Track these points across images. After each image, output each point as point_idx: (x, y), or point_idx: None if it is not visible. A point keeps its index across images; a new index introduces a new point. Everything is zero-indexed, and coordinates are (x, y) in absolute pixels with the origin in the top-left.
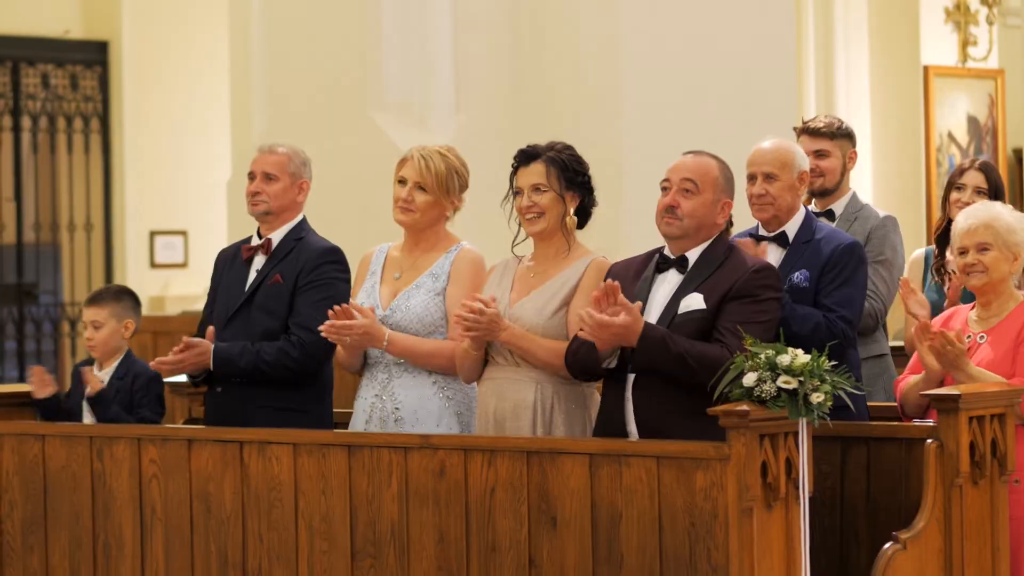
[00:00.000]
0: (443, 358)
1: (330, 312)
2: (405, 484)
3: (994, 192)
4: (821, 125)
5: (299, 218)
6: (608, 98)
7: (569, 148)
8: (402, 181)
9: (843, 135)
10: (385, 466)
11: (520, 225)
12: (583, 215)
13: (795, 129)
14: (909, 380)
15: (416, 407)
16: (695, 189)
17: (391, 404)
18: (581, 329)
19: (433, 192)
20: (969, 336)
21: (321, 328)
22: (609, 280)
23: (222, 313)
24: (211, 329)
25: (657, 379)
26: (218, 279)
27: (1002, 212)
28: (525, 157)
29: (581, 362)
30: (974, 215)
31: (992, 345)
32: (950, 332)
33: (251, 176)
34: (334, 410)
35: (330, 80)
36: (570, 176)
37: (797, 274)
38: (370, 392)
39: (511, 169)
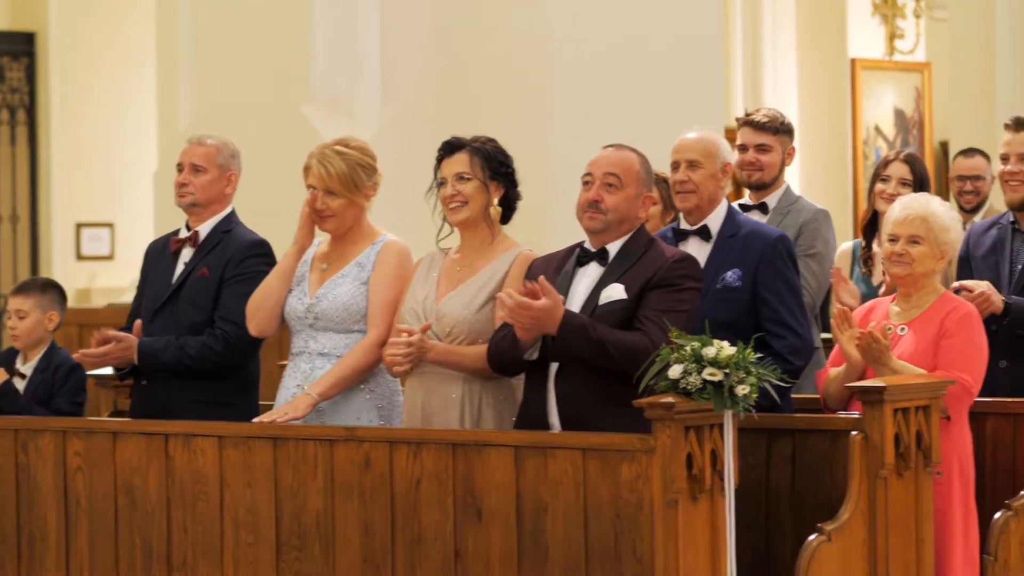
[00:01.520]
0: (364, 365)
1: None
2: (330, 476)
3: (919, 183)
4: (765, 119)
5: (227, 210)
6: (535, 91)
7: (493, 140)
8: (312, 189)
9: (784, 131)
10: (310, 458)
11: (444, 218)
12: (508, 208)
13: (737, 120)
14: (831, 372)
15: (338, 399)
16: (618, 183)
17: None
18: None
19: (342, 193)
20: (890, 328)
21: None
22: (541, 277)
23: (149, 306)
24: (138, 323)
25: (579, 370)
26: (147, 271)
27: (939, 210)
28: (449, 148)
29: (503, 354)
30: (911, 206)
31: (913, 337)
32: (874, 328)
33: (179, 167)
34: (261, 403)
35: (258, 72)
36: (494, 166)
37: (729, 273)
38: (292, 382)
39: (436, 161)
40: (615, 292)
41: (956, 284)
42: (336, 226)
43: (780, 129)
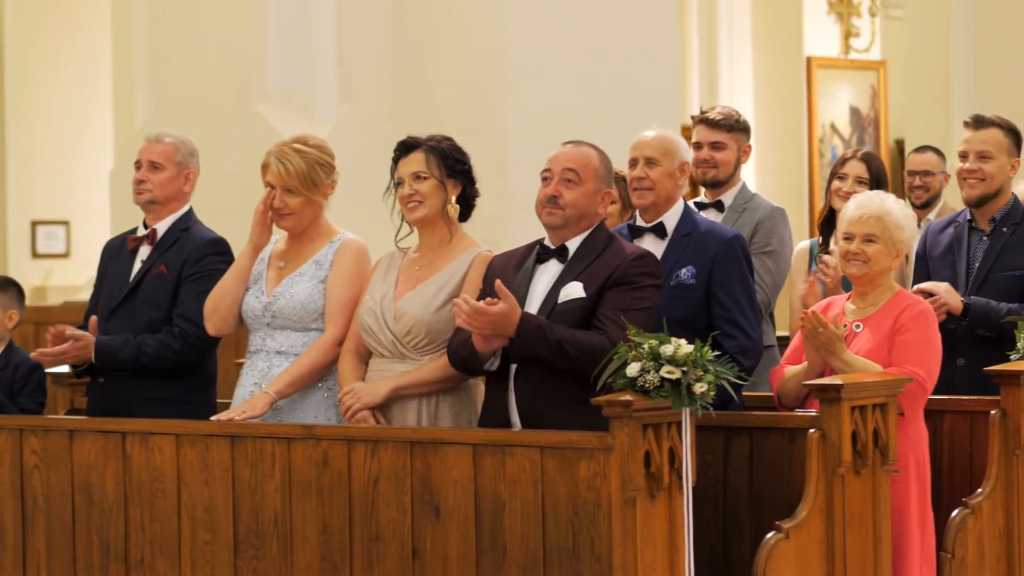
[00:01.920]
0: (322, 363)
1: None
2: (288, 475)
3: (876, 181)
4: (719, 117)
5: (185, 208)
6: (492, 88)
7: (449, 139)
8: (270, 187)
9: (740, 128)
10: (268, 456)
11: (403, 218)
12: (465, 206)
13: (693, 118)
14: (787, 370)
15: (295, 397)
16: (577, 179)
17: None
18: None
19: (300, 192)
20: (845, 326)
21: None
22: (498, 281)
23: (106, 304)
24: (94, 320)
25: (539, 369)
26: (103, 269)
27: (893, 208)
28: (405, 147)
29: (465, 359)
30: (866, 205)
31: (869, 334)
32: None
33: (137, 165)
34: (219, 401)
35: (214, 70)
36: (450, 164)
37: (684, 271)
38: (250, 380)
39: (392, 161)
40: (573, 290)
41: (916, 288)
42: (294, 224)
43: (735, 127)
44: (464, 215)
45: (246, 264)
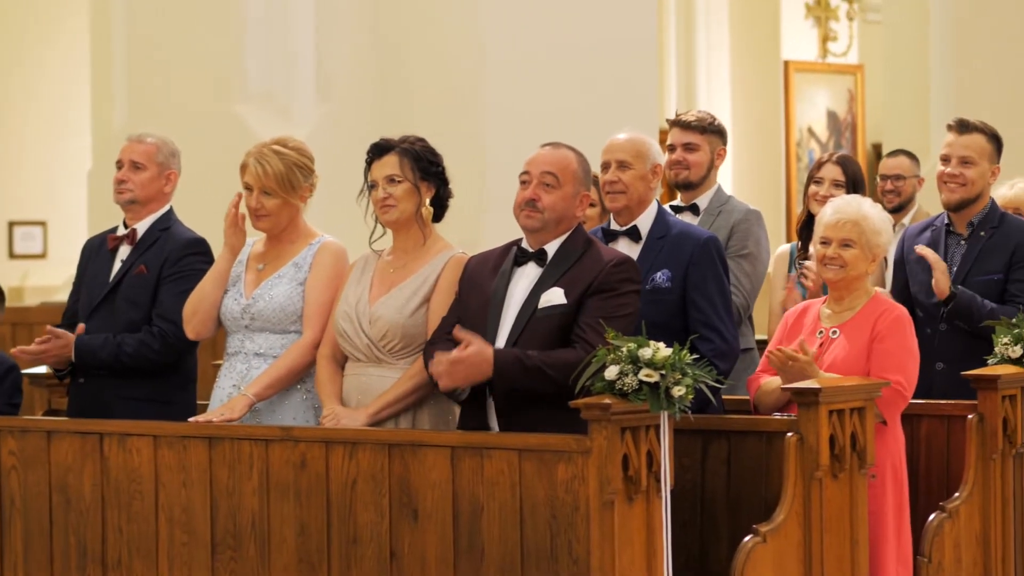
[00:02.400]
0: (299, 366)
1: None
2: (266, 476)
3: (852, 185)
4: (692, 119)
5: (166, 208)
6: (471, 90)
7: (422, 140)
8: (248, 188)
9: (714, 131)
10: (246, 458)
11: (377, 219)
12: (439, 207)
13: (668, 121)
14: (764, 382)
15: (274, 399)
16: (556, 183)
17: None
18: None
19: (278, 193)
20: (821, 331)
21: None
22: (456, 327)
23: (86, 303)
24: (81, 326)
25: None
26: (83, 269)
27: (870, 212)
28: (378, 150)
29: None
30: (843, 210)
31: (846, 340)
32: (789, 348)
33: (118, 164)
34: (198, 401)
35: (193, 70)
36: (424, 166)
37: (659, 274)
38: (228, 382)
39: (365, 163)
40: (555, 297)
41: (917, 249)
42: (271, 225)
43: (708, 129)
44: (437, 215)
45: (224, 268)
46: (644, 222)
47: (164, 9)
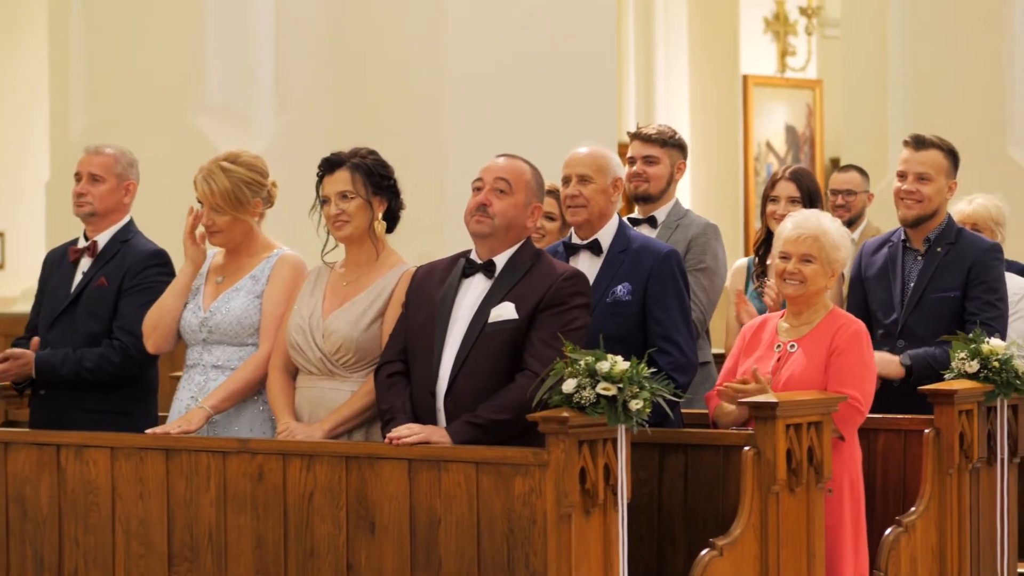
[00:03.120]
0: (256, 379)
1: None
2: (223, 488)
3: (808, 199)
4: (652, 132)
5: (126, 220)
6: (431, 102)
7: (373, 153)
8: (201, 204)
9: (674, 144)
10: (203, 470)
11: (328, 233)
12: (391, 219)
13: (628, 134)
14: (724, 407)
15: (230, 412)
16: (508, 189)
17: None
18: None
19: (226, 211)
20: (779, 345)
21: None
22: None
23: (47, 315)
24: (35, 340)
25: (470, 386)
26: (44, 281)
27: (830, 227)
28: (330, 165)
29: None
30: (804, 225)
31: (803, 354)
32: (737, 378)
33: (77, 177)
34: (159, 413)
35: (151, 81)
36: (376, 181)
37: (620, 287)
38: (186, 394)
39: (317, 178)
40: (505, 311)
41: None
42: (224, 241)
43: (668, 142)
44: (389, 227)
45: (186, 282)
46: (605, 236)
47: (123, 20)
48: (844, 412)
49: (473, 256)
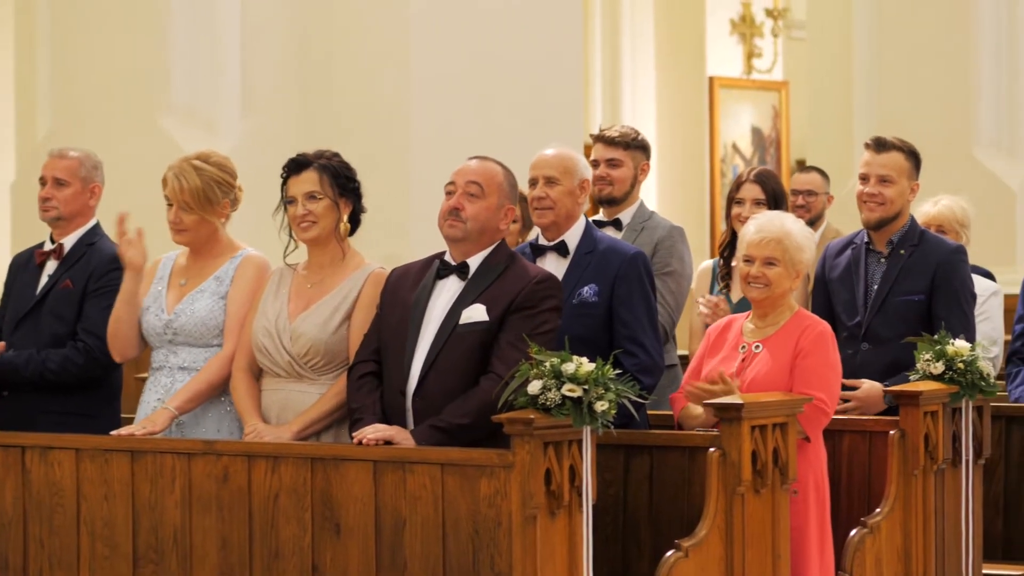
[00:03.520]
0: (220, 379)
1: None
2: (188, 490)
3: (773, 201)
4: (616, 134)
5: (92, 223)
6: (397, 105)
7: (337, 155)
8: (168, 203)
9: (637, 146)
10: (168, 472)
11: (291, 234)
12: (353, 222)
13: (591, 136)
14: (690, 406)
15: (197, 412)
16: (480, 193)
17: None
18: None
19: (195, 210)
20: (743, 346)
21: None
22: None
23: (12, 317)
24: (1, 344)
25: (438, 387)
26: (10, 284)
27: (792, 229)
28: (296, 166)
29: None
30: (766, 228)
31: (769, 355)
32: (702, 383)
33: (42, 181)
34: (123, 415)
35: (117, 83)
36: (342, 183)
37: (586, 288)
38: (153, 396)
39: (281, 179)
40: (476, 313)
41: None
42: (190, 240)
43: (631, 144)
44: (352, 231)
45: (131, 288)
46: (572, 237)
47: (89, 22)
48: (810, 413)
49: (447, 258)
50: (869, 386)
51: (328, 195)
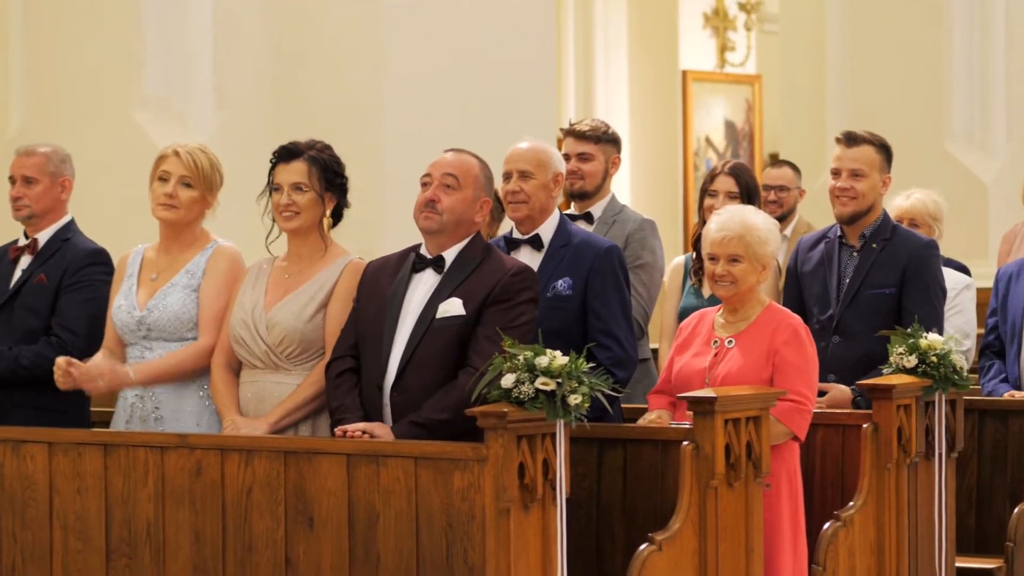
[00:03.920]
0: (189, 366)
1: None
2: (161, 483)
3: (746, 194)
4: (586, 128)
5: (67, 218)
6: (369, 98)
7: (329, 148)
8: (164, 178)
9: (608, 140)
10: (141, 465)
11: (274, 221)
12: (336, 216)
13: (561, 130)
14: (657, 416)
15: (176, 407)
16: (456, 185)
17: (151, 404)
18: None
19: (199, 187)
20: (715, 341)
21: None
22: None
23: None
24: None
25: (415, 380)
26: None
27: (755, 223)
28: (286, 154)
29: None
30: (727, 226)
31: (741, 351)
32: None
33: (11, 180)
34: (94, 409)
35: (90, 77)
36: (330, 177)
37: (560, 282)
38: (131, 392)
39: (270, 164)
40: (453, 307)
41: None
42: (178, 218)
43: (602, 138)
44: (334, 224)
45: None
46: (546, 231)
47: (60, 15)
48: (797, 411)
49: (423, 251)
50: (838, 391)
51: (314, 188)
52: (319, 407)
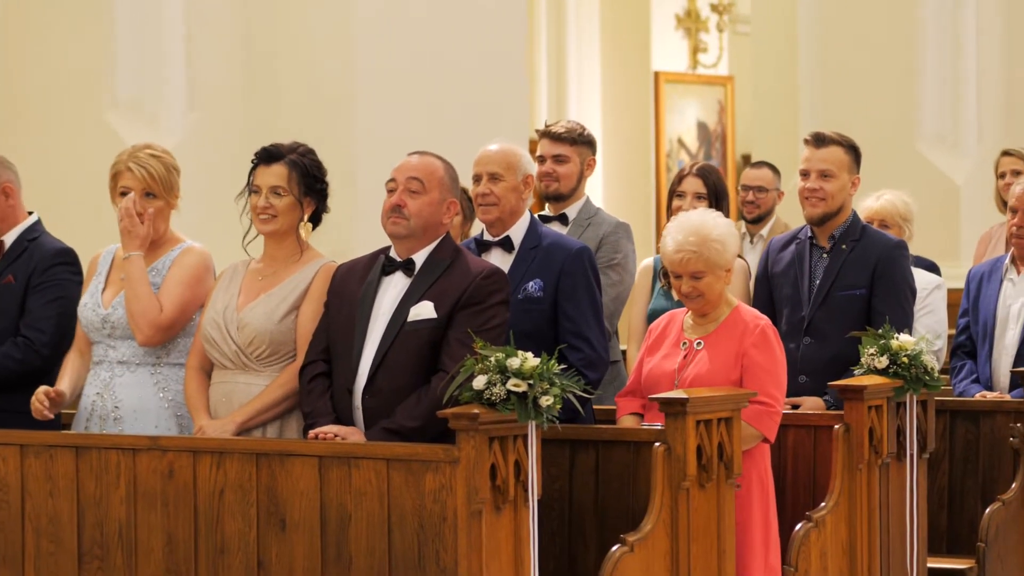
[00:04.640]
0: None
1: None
2: (133, 486)
3: (714, 196)
4: (562, 130)
5: (32, 219)
6: (341, 100)
7: (312, 153)
8: (124, 193)
9: (584, 141)
10: (113, 467)
11: (251, 222)
12: (314, 220)
13: (537, 131)
14: (624, 420)
15: (135, 407)
16: (421, 188)
17: (111, 402)
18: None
19: (161, 195)
20: (684, 343)
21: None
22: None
23: None
24: None
25: (387, 383)
26: None
27: (708, 233)
28: (267, 156)
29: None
30: (683, 246)
31: (709, 353)
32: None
33: None
34: (63, 411)
35: (62, 78)
36: (310, 182)
37: (531, 283)
38: (92, 390)
39: (251, 165)
40: (424, 311)
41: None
42: (148, 235)
43: (578, 140)
44: (312, 228)
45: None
46: (517, 232)
47: (32, 14)
48: (766, 414)
49: (392, 254)
50: (813, 404)
51: (292, 192)
52: (288, 409)
